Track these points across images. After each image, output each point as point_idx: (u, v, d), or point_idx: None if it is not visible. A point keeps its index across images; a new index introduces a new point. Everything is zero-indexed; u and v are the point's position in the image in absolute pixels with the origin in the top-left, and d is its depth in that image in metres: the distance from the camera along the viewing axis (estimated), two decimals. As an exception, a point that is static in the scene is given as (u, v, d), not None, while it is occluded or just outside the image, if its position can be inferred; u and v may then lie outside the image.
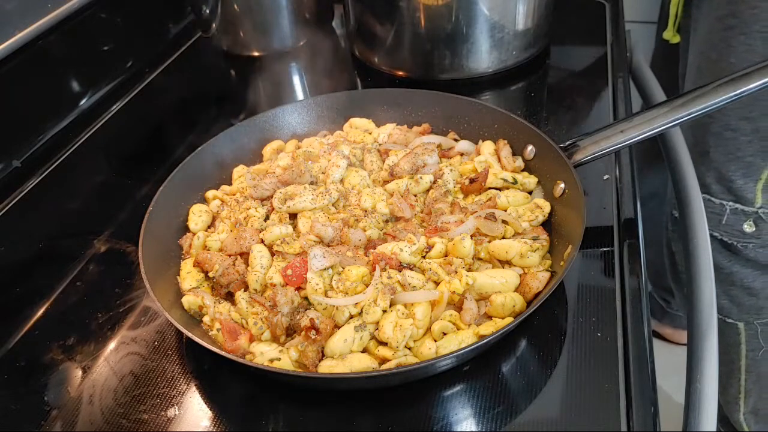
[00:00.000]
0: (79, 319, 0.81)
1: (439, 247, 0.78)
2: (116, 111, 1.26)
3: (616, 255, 0.82)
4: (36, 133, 1.14)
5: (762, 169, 1.22)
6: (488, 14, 1.15)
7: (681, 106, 0.81)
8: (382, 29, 1.23)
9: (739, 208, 1.27)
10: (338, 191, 0.87)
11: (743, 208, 1.27)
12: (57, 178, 1.09)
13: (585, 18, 1.43)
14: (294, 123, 1.04)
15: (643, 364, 0.68)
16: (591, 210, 0.87)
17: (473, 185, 0.87)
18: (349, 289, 0.72)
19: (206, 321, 0.75)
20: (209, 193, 0.93)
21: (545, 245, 0.79)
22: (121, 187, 1.06)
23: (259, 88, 1.35)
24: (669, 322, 1.99)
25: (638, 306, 0.75)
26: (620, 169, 0.95)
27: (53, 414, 0.70)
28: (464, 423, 0.65)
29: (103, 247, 0.93)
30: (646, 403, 0.65)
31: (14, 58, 1.08)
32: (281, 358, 0.67)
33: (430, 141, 0.97)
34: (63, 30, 1.17)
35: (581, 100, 1.19)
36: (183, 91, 1.36)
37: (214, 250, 0.82)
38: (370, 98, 1.06)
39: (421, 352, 0.68)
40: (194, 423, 0.67)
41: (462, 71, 1.22)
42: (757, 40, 1.12)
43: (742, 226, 1.28)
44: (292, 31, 1.38)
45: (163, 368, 0.73)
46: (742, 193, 1.25)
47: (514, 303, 0.71)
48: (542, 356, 0.70)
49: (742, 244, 1.30)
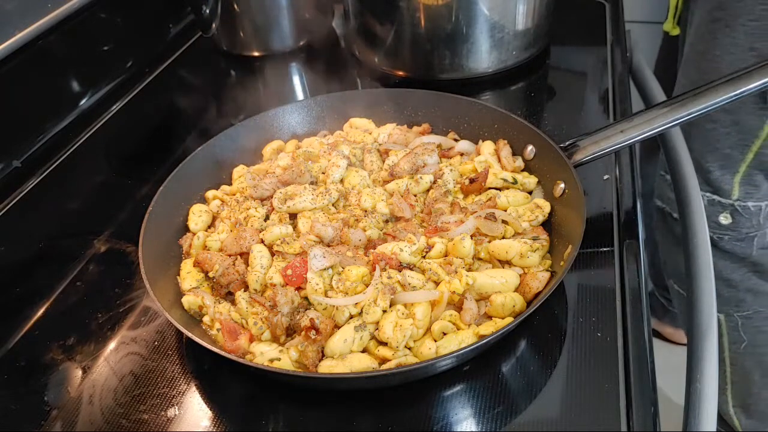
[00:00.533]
0: (79, 319, 0.81)
1: (439, 247, 0.78)
2: (116, 111, 1.26)
3: (616, 255, 0.82)
4: (36, 133, 1.15)
5: (740, 162, 1.23)
6: (488, 14, 1.15)
7: (681, 106, 0.81)
8: (382, 29, 1.23)
9: (716, 199, 1.28)
10: (338, 191, 0.87)
11: (720, 199, 1.27)
12: (57, 178, 1.09)
13: (585, 18, 1.43)
14: (294, 123, 1.04)
15: (643, 364, 0.68)
16: (591, 210, 0.87)
17: (473, 185, 0.87)
18: (349, 289, 0.72)
19: (206, 321, 0.75)
20: (209, 193, 0.93)
21: (545, 245, 0.79)
22: (121, 187, 1.06)
23: (259, 88, 1.35)
24: (670, 322, 1.99)
25: (638, 306, 0.75)
26: (620, 169, 0.95)
27: (53, 414, 0.70)
28: (464, 423, 0.65)
29: (103, 247, 0.93)
30: (646, 403, 0.65)
31: (14, 58, 1.08)
32: (281, 358, 0.67)
33: (430, 141, 0.97)
34: (63, 30, 1.17)
35: (581, 100, 1.19)
36: (183, 91, 1.36)
37: (214, 250, 0.82)
38: (370, 98, 1.06)
39: (421, 352, 0.68)
40: (194, 423, 0.67)
41: (462, 71, 1.22)
42: (740, 33, 1.13)
43: (719, 217, 1.29)
44: (292, 31, 1.38)
45: (163, 368, 0.73)
46: (720, 184, 1.26)
47: (514, 303, 0.71)
48: (542, 356, 0.70)
49: (718, 235, 1.31)
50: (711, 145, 1.24)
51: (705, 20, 1.19)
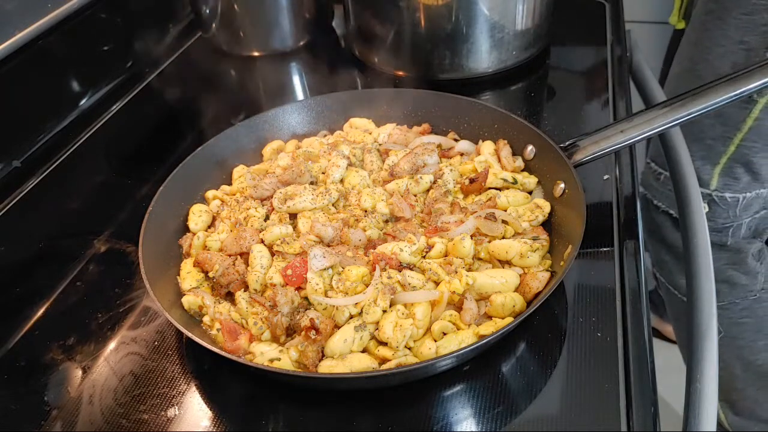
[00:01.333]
0: (79, 319, 0.81)
1: (439, 247, 0.78)
2: (116, 111, 1.26)
3: (616, 255, 0.82)
4: (36, 133, 1.14)
5: (721, 155, 1.25)
6: (488, 14, 1.15)
7: (681, 106, 0.81)
8: (382, 29, 1.23)
9: None
10: (338, 191, 0.87)
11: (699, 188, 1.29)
12: (57, 178, 1.09)
13: (585, 18, 1.43)
14: (294, 123, 1.04)
15: (643, 364, 0.68)
16: (591, 210, 0.87)
17: (473, 185, 0.87)
18: (349, 289, 0.72)
19: (206, 321, 0.75)
20: (209, 193, 0.93)
21: (545, 245, 0.79)
22: (121, 187, 1.06)
23: (259, 88, 1.35)
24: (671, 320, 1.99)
25: (638, 306, 0.75)
26: (620, 169, 0.95)
27: (53, 414, 0.70)
28: (464, 423, 0.65)
29: (103, 247, 0.93)
30: (646, 403, 0.65)
31: (14, 58, 1.08)
32: (281, 358, 0.67)
33: (430, 141, 0.97)
34: (63, 30, 1.17)
35: (581, 100, 1.19)
36: (183, 91, 1.36)
37: (214, 250, 0.82)
38: (370, 98, 1.06)
39: (421, 352, 0.68)
40: (194, 423, 0.67)
41: (462, 71, 1.22)
42: (731, 26, 1.14)
43: None
44: (292, 31, 1.38)
45: (163, 368, 0.73)
46: (699, 174, 1.27)
47: (514, 303, 0.71)
48: (542, 356, 0.70)
49: None
50: (695, 135, 1.26)
51: (700, 12, 1.21)
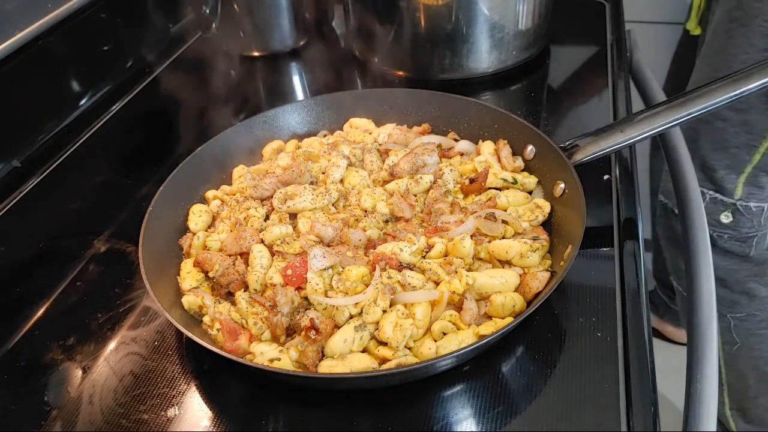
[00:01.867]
0: (79, 319, 0.81)
1: (439, 247, 0.78)
2: (116, 111, 1.26)
3: (616, 255, 0.82)
4: (36, 133, 1.14)
5: (746, 163, 1.24)
6: (488, 14, 1.15)
7: (681, 106, 0.81)
8: (382, 29, 1.23)
9: (718, 198, 1.28)
10: (338, 191, 0.87)
11: (722, 198, 1.28)
12: (57, 178, 1.09)
13: (585, 18, 1.43)
14: (294, 123, 1.04)
15: (643, 364, 0.68)
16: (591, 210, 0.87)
17: (473, 185, 0.87)
18: (349, 289, 0.72)
19: (206, 321, 0.75)
20: (209, 193, 0.93)
21: (545, 245, 0.79)
22: (121, 187, 1.06)
23: (259, 88, 1.35)
24: (671, 320, 1.99)
25: (638, 306, 0.75)
26: (620, 169, 0.95)
27: (53, 414, 0.70)
28: (464, 423, 0.65)
29: (103, 247, 0.93)
30: (646, 403, 0.65)
31: (14, 58, 1.08)
32: (281, 358, 0.67)
33: (430, 141, 0.97)
34: (63, 30, 1.17)
35: (581, 100, 1.19)
36: (183, 91, 1.35)
37: (214, 250, 0.82)
38: (370, 98, 1.06)
39: (421, 352, 0.68)
40: (194, 423, 0.67)
41: (462, 71, 1.22)
42: (756, 33, 1.13)
43: (719, 216, 1.30)
44: (292, 31, 1.38)
45: (163, 368, 0.73)
46: (723, 183, 1.26)
47: (514, 303, 0.71)
48: (542, 356, 0.70)
49: (718, 233, 1.31)
50: (719, 143, 1.24)
51: (723, 19, 1.20)
